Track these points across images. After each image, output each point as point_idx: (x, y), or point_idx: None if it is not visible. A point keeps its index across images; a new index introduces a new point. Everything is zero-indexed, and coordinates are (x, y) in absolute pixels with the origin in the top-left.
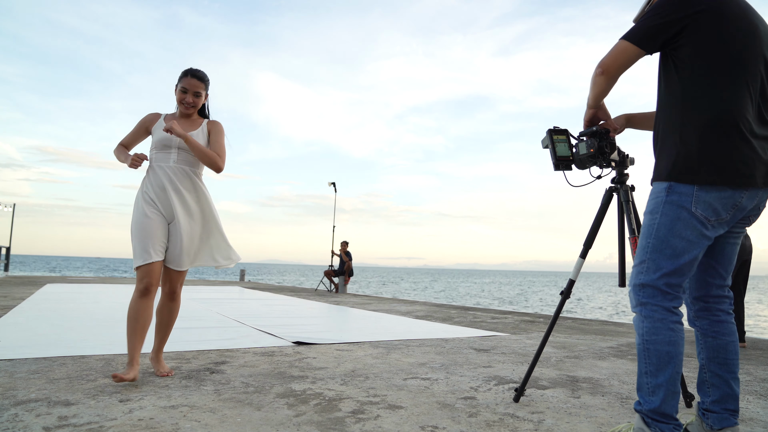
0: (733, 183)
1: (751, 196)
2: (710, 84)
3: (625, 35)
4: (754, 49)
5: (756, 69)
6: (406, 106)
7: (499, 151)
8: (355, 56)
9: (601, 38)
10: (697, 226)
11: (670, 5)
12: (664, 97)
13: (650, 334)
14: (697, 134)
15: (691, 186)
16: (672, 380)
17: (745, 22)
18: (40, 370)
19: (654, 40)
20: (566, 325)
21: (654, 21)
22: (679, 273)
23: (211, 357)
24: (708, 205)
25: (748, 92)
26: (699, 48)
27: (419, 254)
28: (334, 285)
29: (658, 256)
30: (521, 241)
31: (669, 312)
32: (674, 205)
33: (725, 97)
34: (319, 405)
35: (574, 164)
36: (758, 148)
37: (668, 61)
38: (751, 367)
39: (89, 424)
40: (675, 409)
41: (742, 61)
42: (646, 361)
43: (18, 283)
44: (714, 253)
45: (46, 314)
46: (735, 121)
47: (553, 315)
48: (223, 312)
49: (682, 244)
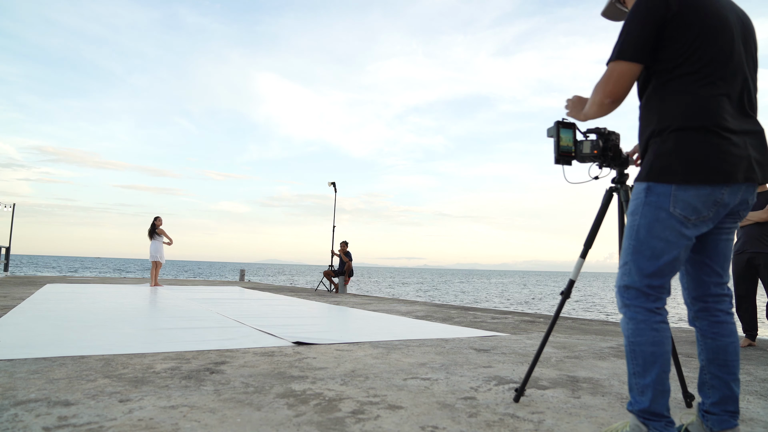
0: (710, 180)
1: (733, 192)
2: (686, 83)
3: (617, 55)
4: (732, 44)
5: (734, 64)
6: (406, 106)
7: (499, 151)
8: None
9: (602, 38)
10: (676, 226)
11: (647, 8)
12: (643, 99)
13: (635, 336)
14: (673, 134)
15: (669, 186)
16: (659, 380)
17: (718, 19)
18: (40, 370)
19: (648, 50)
20: (566, 325)
21: (639, 30)
22: (659, 274)
23: (211, 357)
24: (687, 203)
25: (725, 88)
26: (675, 48)
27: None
28: (333, 285)
29: (639, 258)
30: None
31: (652, 313)
32: (653, 206)
33: (701, 94)
34: (319, 405)
35: (575, 159)
36: (738, 143)
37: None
38: (751, 367)
39: (89, 424)
40: (665, 408)
41: (718, 58)
42: (633, 362)
43: (18, 283)
44: (707, 250)
45: (46, 314)
46: (710, 119)
47: (553, 315)
48: (223, 312)
49: (661, 245)
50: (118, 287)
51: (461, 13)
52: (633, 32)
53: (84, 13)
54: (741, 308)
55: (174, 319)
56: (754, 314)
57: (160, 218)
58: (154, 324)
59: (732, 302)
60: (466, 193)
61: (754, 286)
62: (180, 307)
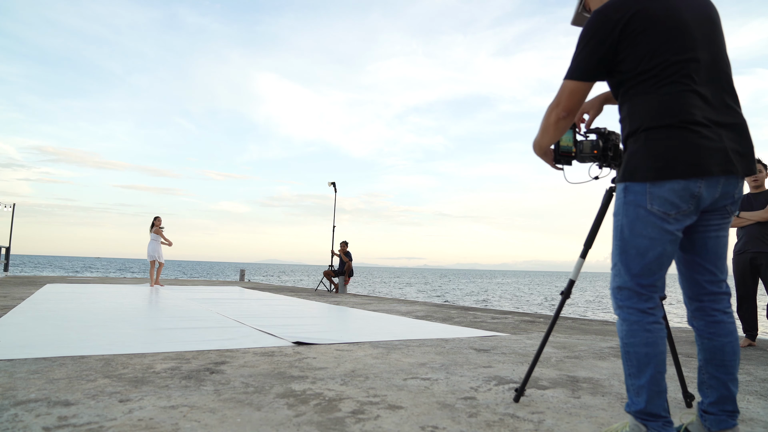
0: (682, 174)
1: (710, 185)
2: (649, 85)
3: (567, 74)
4: (693, 41)
5: (699, 59)
6: (406, 106)
7: (499, 151)
8: (355, 56)
9: None
10: (657, 222)
11: (596, 29)
12: (619, 105)
13: (628, 337)
14: (642, 134)
15: (644, 184)
16: (654, 381)
17: (673, 20)
18: (40, 370)
19: (597, 70)
20: (566, 325)
21: (588, 51)
22: (647, 272)
23: (211, 357)
24: (663, 199)
25: (691, 84)
26: (634, 57)
27: (419, 254)
28: (333, 285)
29: (626, 257)
30: (521, 241)
31: (644, 314)
32: (632, 205)
33: (665, 93)
34: (319, 405)
35: (575, 159)
36: (710, 135)
37: (611, 74)
38: (751, 367)
39: (89, 424)
40: (662, 408)
41: (679, 57)
42: (627, 363)
43: (18, 283)
44: (696, 249)
45: (46, 314)
46: (675, 116)
47: (553, 315)
48: (223, 312)
49: (645, 243)
50: (118, 287)
51: (461, 13)
52: (580, 53)
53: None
54: (742, 308)
55: (174, 319)
56: (755, 314)
57: (160, 218)
58: (154, 324)
59: (730, 301)
60: (466, 193)
61: (755, 286)
62: (180, 307)
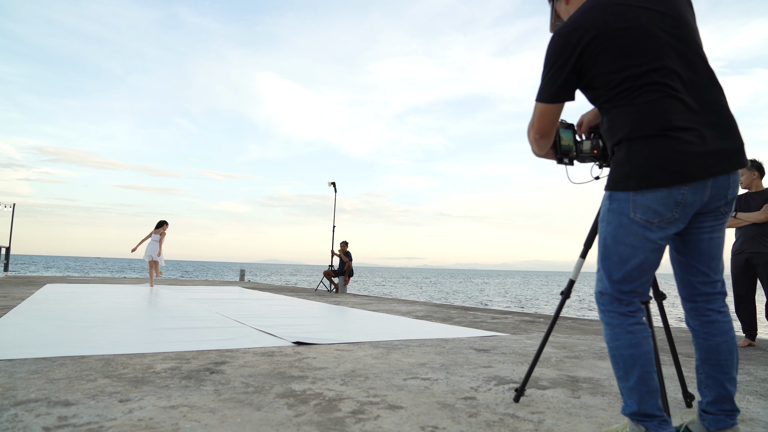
0: (664, 182)
1: (695, 190)
2: (623, 96)
3: (536, 97)
4: (660, 47)
5: (670, 63)
6: (406, 106)
7: (499, 151)
8: (355, 56)
9: None
10: (639, 231)
11: (557, 53)
12: (601, 116)
13: (612, 341)
14: (624, 144)
15: (627, 192)
16: (642, 381)
17: (635, 29)
18: (40, 370)
19: (563, 91)
20: (566, 325)
21: (551, 75)
22: (628, 279)
23: (211, 357)
24: (646, 208)
25: (667, 90)
26: (603, 73)
27: (419, 254)
28: (333, 285)
29: (608, 264)
30: (521, 241)
31: (625, 316)
32: (615, 213)
33: (641, 103)
34: (319, 405)
35: (576, 159)
36: (691, 140)
37: (585, 90)
38: (751, 367)
39: (89, 424)
40: (655, 407)
41: (648, 66)
42: (616, 367)
43: (18, 283)
44: (689, 251)
45: (46, 314)
46: (653, 125)
47: (553, 315)
48: (223, 312)
49: (627, 251)
50: (118, 287)
51: (461, 13)
52: (545, 76)
53: (84, 13)
54: (740, 308)
55: (174, 319)
56: (754, 314)
57: (167, 224)
58: (154, 324)
59: (725, 300)
60: (466, 193)
61: (753, 286)
62: (180, 307)
